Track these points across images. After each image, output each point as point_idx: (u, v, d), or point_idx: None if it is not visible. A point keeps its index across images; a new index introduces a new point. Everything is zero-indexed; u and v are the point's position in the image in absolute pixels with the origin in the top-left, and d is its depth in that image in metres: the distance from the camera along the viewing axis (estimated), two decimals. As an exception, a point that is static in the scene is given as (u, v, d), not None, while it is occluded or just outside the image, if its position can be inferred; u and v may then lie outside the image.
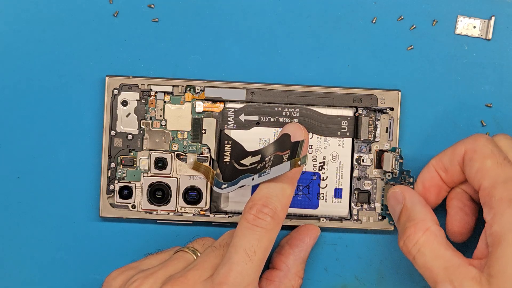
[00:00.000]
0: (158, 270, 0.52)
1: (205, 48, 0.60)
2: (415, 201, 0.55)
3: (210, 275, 0.51)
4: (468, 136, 0.55)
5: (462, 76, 0.60)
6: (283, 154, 0.54)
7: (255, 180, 0.53)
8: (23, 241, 0.60)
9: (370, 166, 0.59)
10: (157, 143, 0.59)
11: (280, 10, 0.60)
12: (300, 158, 0.52)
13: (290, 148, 0.54)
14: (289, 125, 0.56)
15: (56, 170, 0.60)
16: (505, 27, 0.60)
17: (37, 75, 0.60)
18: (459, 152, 0.54)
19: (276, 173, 0.52)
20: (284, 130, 0.55)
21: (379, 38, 0.60)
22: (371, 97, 0.59)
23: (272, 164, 0.53)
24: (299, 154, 0.52)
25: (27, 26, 0.60)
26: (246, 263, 0.50)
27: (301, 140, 0.54)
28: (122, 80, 0.59)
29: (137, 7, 0.60)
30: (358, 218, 0.60)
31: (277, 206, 0.52)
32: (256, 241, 0.51)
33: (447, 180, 0.56)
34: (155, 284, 0.52)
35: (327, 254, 0.60)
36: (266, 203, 0.52)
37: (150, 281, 0.52)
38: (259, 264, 0.51)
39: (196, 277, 0.51)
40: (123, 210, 0.59)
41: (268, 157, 0.55)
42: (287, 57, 0.60)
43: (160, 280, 0.52)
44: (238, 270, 0.50)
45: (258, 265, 0.51)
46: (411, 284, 0.61)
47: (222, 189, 0.56)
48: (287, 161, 0.52)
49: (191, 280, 0.51)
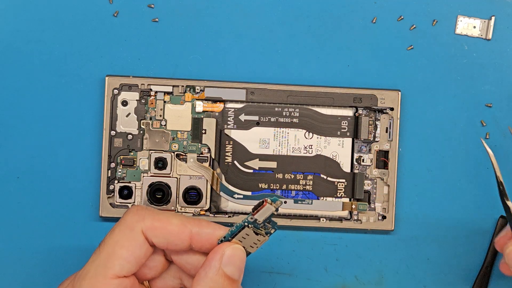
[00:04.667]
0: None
1: (205, 48, 0.60)
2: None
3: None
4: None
5: (462, 76, 0.60)
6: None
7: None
8: (23, 241, 0.60)
9: (370, 166, 0.60)
10: (157, 143, 0.59)
11: (280, 10, 0.60)
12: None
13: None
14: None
15: (56, 170, 0.60)
16: (505, 27, 0.60)
17: (37, 75, 0.60)
18: None
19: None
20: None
21: (379, 38, 0.60)
22: (371, 97, 0.59)
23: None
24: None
25: (27, 26, 0.60)
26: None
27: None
28: (122, 80, 0.59)
29: (137, 7, 0.60)
30: (358, 218, 0.60)
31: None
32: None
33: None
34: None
35: (327, 254, 0.60)
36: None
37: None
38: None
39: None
40: (123, 210, 0.59)
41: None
42: (287, 57, 0.60)
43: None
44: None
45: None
46: (411, 284, 0.61)
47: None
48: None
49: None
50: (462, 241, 0.60)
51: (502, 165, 0.60)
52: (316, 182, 0.59)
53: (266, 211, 0.49)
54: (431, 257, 0.60)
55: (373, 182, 0.60)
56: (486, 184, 0.60)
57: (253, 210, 0.49)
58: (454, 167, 0.60)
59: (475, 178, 0.60)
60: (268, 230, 0.50)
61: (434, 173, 0.60)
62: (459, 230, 0.60)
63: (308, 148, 0.59)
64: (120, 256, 0.49)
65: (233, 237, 0.50)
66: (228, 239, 0.50)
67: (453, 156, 0.60)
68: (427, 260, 0.60)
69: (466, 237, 0.60)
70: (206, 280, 0.49)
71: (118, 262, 0.49)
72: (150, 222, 0.50)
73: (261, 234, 0.50)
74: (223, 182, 0.59)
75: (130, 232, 0.50)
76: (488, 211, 0.60)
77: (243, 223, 0.49)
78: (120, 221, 0.50)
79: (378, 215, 0.60)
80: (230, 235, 0.50)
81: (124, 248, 0.49)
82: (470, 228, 0.60)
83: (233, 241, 0.50)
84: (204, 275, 0.49)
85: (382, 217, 0.60)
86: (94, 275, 0.49)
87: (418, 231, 0.60)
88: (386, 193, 0.60)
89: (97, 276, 0.49)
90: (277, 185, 0.59)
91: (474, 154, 0.60)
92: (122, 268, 0.49)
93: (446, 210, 0.60)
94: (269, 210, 0.49)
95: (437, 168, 0.60)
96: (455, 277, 0.61)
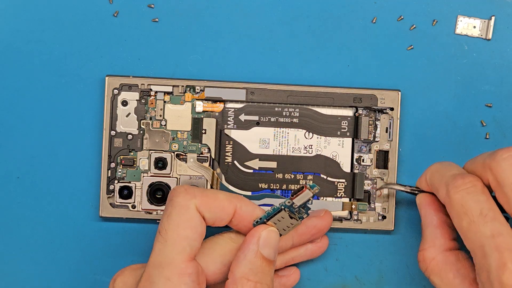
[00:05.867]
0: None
1: (205, 48, 0.60)
2: (427, 222, 0.54)
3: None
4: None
5: (462, 76, 0.60)
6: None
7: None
8: (23, 241, 0.60)
9: (370, 166, 0.60)
10: (157, 143, 0.59)
11: (280, 10, 0.60)
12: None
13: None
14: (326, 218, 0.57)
15: (56, 170, 0.60)
16: (505, 27, 0.60)
17: (37, 75, 0.60)
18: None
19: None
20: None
21: (379, 38, 0.60)
22: (371, 97, 0.59)
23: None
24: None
25: (27, 26, 0.60)
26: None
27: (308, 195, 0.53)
28: (122, 80, 0.59)
29: (137, 7, 0.60)
30: (358, 218, 0.60)
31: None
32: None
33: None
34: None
35: (327, 254, 0.60)
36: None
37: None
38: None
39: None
40: (123, 210, 0.59)
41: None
42: (287, 57, 0.60)
43: None
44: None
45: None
46: (411, 284, 0.61)
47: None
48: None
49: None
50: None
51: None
52: (316, 182, 0.59)
53: (304, 196, 0.52)
54: (431, 257, 0.60)
55: (373, 182, 0.60)
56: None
57: (292, 195, 0.52)
58: (454, 167, 0.60)
59: (475, 178, 0.60)
60: (302, 215, 0.52)
61: (434, 173, 0.60)
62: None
63: (308, 148, 0.59)
64: (187, 237, 0.50)
65: (268, 219, 0.52)
66: (264, 221, 0.52)
67: (453, 156, 0.60)
68: (427, 260, 0.60)
69: (466, 237, 0.60)
70: (245, 262, 0.51)
71: (188, 243, 0.50)
72: (201, 198, 0.51)
73: (295, 218, 0.52)
74: (223, 182, 0.59)
75: (187, 212, 0.51)
76: (488, 211, 0.60)
77: (280, 206, 0.52)
78: (173, 203, 0.51)
79: (378, 215, 0.60)
80: (266, 217, 0.52)
81: (188, 228, 0.51)
82: (470, 228, 0.60)
83: (268, 223, 0.52)
84: (243, 258, 0.51)
85: (382, 217, 0.60)
86: (171, 261, 0.50)
87: (418, 231, 0.60)
88: (386, 193, 0.60)
89: (174, 262, 0.50)
90: (277, 185, 0.59)
91: (474, 154, 0.60)
92: (192, 248, 0.51)
93: (446, 210, 0.60)
94: (307, 196, 0.52)
95: (437, 168, 0.60)
96: (455, 277, 0.61)
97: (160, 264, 0.50)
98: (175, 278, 0.49)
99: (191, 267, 0.50)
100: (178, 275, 0.50)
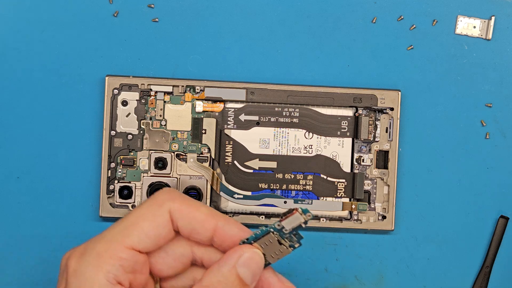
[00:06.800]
0: None
1: (205, 48, 0.60)
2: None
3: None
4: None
5: (462, 76, 0.60)
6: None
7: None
8: (23, 241, 0.60)
9: (370, 166, 0.60)
10: (157, 143, 0.59)
11: (280, 10, 0.60)
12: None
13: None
14: None
15: (56, 170, 0.60)
16: (505, 27, 0.60)
17: (37, 75, 0.60)
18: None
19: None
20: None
21: (379, 38, 0.60)
22: (371, 97, 0.59)
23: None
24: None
25: (27, 26, 0.60)
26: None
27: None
28: (122, 80, 0.59)
29: (137, 7, 0.60)
30: (358, 218, 0.60)
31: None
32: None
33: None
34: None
35: (327, 254, 0.60)
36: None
37: None
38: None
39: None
40: (123, 210, 0.59)
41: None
42: (287, 57, 0.60)
43: None
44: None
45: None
46: (411, 284, 0.61)
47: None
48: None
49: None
50: (462, 241, 0.60)
51: (502, 165, 0.60)
52: (316, 182, 0.59)
53: (294, 220, 0.47)
54: (431, 257, 0.61)
55: (373, 182, 0.60)
56: (486, 184, 0.60)
57: (282, 217, 0.47)
58: (454, 167, 0.60)
59: (475, 178, 0.60)
60: (293, 243, 0.47)
61: (434, 173, 0.60)
62: (459, 230, 0.60)
63: (308, 148, 0.59)
64: (141, 228, 0.48)
65: (255, 241, 0.48)
66: (251, 242, 0.48)
67: (453, 156, 0.60)
68: (427, 260, 0.60)
69: (466, 237, 0.60)
70: (217, 274, 0.48)
71: (138, 233, 0.48)
72: (179, 204, 0.49)
73: (285, 245, 0.48)
74: (223, 182, 0.59)
75: (157, 208, 0.49)
76: (488, 211, 0.60)
77: (268, 228, 0.47)
78: (150, 197, 0.49)
79: (378, 215, 0.60)
80: (253, 238, 0.48)
81: (147, 221, 0.48)
82: (470, 228, 0.60)
83: (255, 245, 0.48)
84: (217, 269, 0.48)
85: (382, 217, 0.60)
86: (110, 240, 0.48)
87: (418, 231, 0.60)
88: (386, 193, 0.60)
89: (112, 241, 0.48)
90: (277, 185, 0.59)
91: (474, 154, 0.60)
92: (139, 240, 0.48)
93: (446, 210, 0.60)
94: (298, 220, 0.47)
95: (437, 168, 0.60)
96: (455, 277, 0.61)
97: (102, 239, 0.48)
98: (106, 255, 0.47)
99: (126, 253, 0.48)
100: (110, 255, 0.47)
